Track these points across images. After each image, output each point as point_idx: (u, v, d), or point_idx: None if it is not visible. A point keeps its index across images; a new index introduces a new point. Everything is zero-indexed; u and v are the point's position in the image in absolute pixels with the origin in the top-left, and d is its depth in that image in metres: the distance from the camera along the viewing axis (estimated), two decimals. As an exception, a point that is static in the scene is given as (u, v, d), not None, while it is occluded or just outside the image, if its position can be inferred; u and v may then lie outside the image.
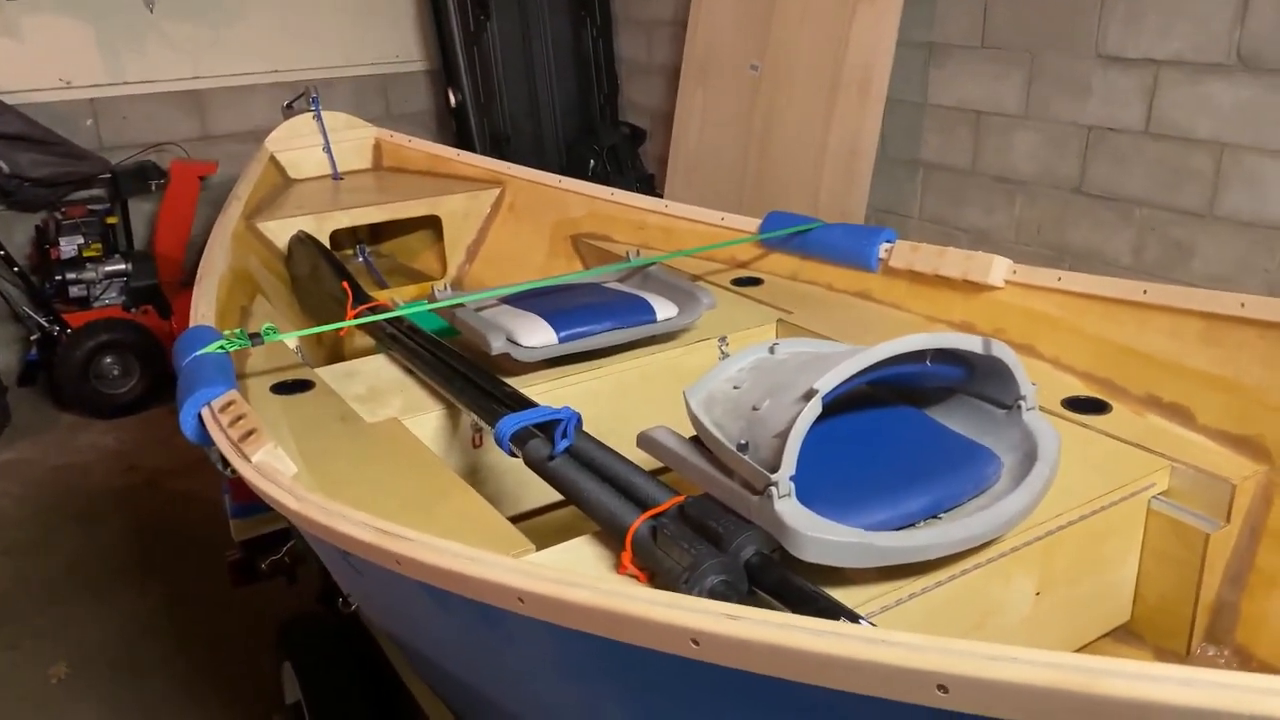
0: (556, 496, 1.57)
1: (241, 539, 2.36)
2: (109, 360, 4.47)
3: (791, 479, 1.27)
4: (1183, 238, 3.45)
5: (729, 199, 4.66)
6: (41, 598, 3.20)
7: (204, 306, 2.12)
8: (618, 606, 0.92)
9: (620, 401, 2.10)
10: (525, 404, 1.75)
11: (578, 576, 1.00)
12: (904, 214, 4.41)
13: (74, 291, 4.56)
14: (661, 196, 3.76)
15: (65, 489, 3.90)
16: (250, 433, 1.52)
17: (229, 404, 1.63)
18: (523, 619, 1.04)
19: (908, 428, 1.57)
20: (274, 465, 1.47)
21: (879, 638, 0.76)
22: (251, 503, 2.23)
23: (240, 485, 1.87)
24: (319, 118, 3.68)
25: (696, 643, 0.86)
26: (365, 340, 2.46)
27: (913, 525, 1.37)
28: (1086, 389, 1.93)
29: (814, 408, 1.29)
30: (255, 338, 1.87)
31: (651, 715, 1.09)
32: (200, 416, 1.67)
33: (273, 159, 3.60)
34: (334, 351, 2.69)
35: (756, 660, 0.83)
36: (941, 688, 0.72)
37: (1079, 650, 1.68)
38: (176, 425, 1.69)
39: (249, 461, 1.48)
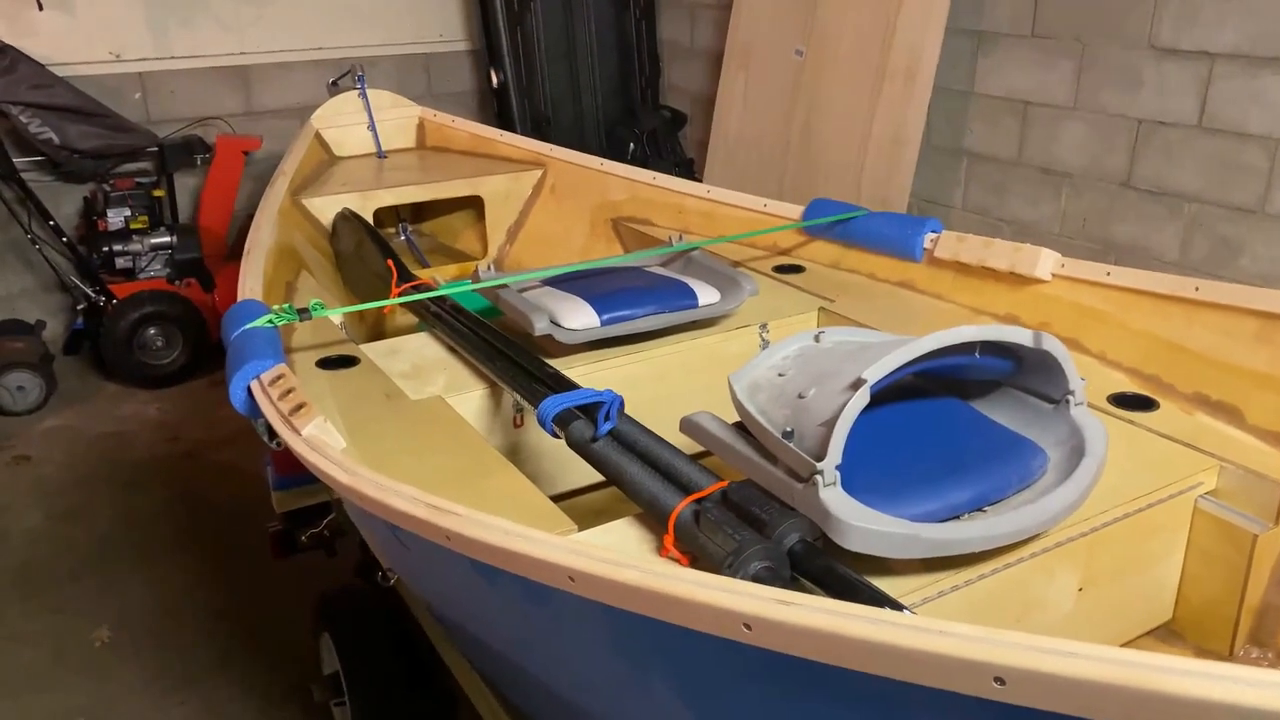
0: (593, 478, 1.58)
1: (283, 511, 2.40)
2: (153, 331, 4.52)
3: (838, 468, 1.27)
4: (1232, 234, 3.39)
5: (769, 185, 4.63)
6: (85, 563, 3.26)
7: (252, 280, 2.15)
8: (670, 589, 0.93)
9: (660, 385, 2.10)
10: (567, 385, 1.76)
11: (627, 558, 1.00)
12: (946, 204, 4.37)
13: (120, 263, 4.62)
14: (701, 181, 3.75)
15: (109, 457, 3.97)
16: (300, 406, 1.54)
17: (279, 377, 1.66)
18: (572, 597, 1.05)
19: (953, 419, 1.56)
20: (323, 439, 1.49)
21: (935, 628, 0.76)
22: (294, 475, 2.26)
23: (283, 458, 1.89)
24: (364, 95, 3.71)
25: (749, 627, 0.87)
26: (407, 318, 2.48)
27: (957, 517, 1.37)
28: (1133, 385, 1.91)
29: (862, 397, 1.29)
30: (303, 313, 1.89)
31: (696, 695, 1.10)
32: (250, 389, 1.69)
33: (318, 136, 3.63)
34: (376, 329, 2.71)
35: (809, 646, 0.84)
36: (999, 680, 0.72)
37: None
38: (217, 398, 1.72)
39: (299, 434, 1.50)
